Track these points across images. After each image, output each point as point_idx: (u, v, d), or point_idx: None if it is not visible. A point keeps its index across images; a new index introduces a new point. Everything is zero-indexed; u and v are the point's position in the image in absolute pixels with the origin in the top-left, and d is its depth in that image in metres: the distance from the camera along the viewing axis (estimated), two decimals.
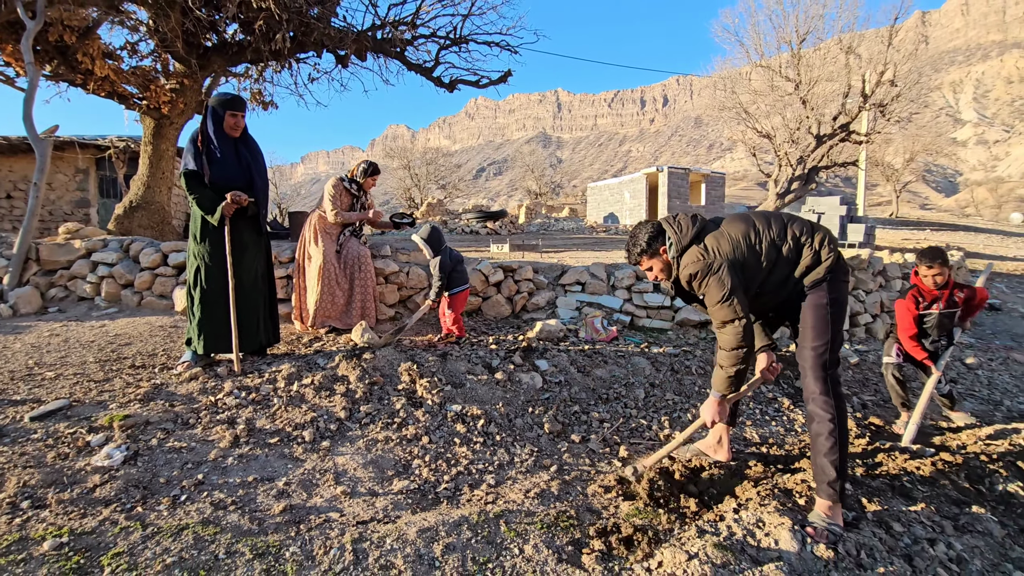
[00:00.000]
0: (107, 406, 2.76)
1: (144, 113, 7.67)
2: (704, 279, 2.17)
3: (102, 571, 1.65)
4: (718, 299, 2.14)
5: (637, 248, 2.35)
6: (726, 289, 2.13)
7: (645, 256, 2.35)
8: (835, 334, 2.19)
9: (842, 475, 2.11)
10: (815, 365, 2.18)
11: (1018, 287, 10.14)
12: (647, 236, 2.33)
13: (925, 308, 3.41)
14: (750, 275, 2.21)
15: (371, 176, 4.22)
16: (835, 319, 2.19)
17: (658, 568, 1.82)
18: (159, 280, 4.47)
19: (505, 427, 2.97)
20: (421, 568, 1.76)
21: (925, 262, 3.34)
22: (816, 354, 2.18)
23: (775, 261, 2.21)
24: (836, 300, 2.20)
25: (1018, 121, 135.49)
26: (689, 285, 2.25)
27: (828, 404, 2.15)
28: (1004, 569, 2.08)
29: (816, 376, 2.18)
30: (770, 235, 2.23)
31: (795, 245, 2.23)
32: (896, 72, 15.51)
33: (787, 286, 2.24)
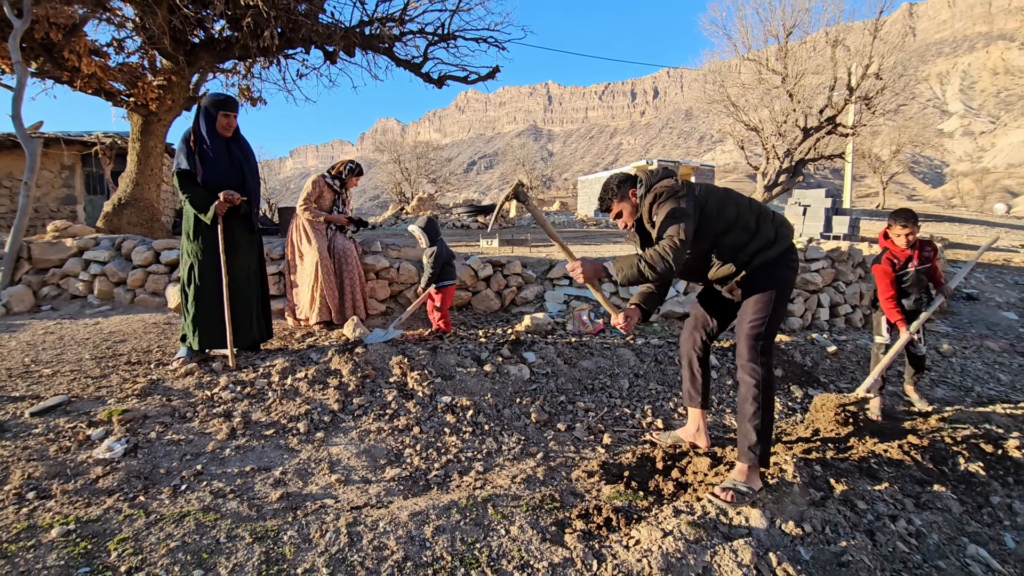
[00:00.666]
0: (105, 401, 2.84)
1: (132, 110, 7.66)
2: (666, 200, 2.24)
3: (109, 555, 1.74)
4: (668, 214, 2.19)
5: (609, 193, 2.45)
6: (680, 208, 2.19)
7: (616, 199, 2.44)
8: (774, 313, 2.29)
9: (763, 440, 2.22)
10: (749, 335, 2.29)
11: (997, 277, 10.38)
12: (618, 180, 2.45)
13: (901, 268, 3.56)
14: (708, 223, 2.28)
15: (355, 176, 4.31)
16: (778, 299, 2.30)
17: (636, 545, 1.94)
18: (152, 278, 4.53)
19: (493, 417, 3.08)
20: (413, 548, 1.87)
21: (900, 222, 3.47)
22: (751, 326, 2.29)
23: (733, 222, 2.32)
24: (783, 280, 2.32)
25: (1003, 112, 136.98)
26: (651, 214, 2.30)
27: (755, 371, 2.26)
28: (959, 543, 2.22)
29: (748, 345, 2.29)
30: (734, 199, 2.37)
31: (756, 219, 2.35)
32: (881, 65, 15.70)
33: (741, 253, 2.31)
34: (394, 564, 1.79)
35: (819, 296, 5.59)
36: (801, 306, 5.42)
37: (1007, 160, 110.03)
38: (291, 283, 4.16)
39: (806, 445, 2.92)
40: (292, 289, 4.15)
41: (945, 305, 3.67)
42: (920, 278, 3.62)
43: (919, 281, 3.63)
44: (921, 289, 3.66)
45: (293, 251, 4.13)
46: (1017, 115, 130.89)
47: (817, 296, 5.58)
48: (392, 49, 7.61)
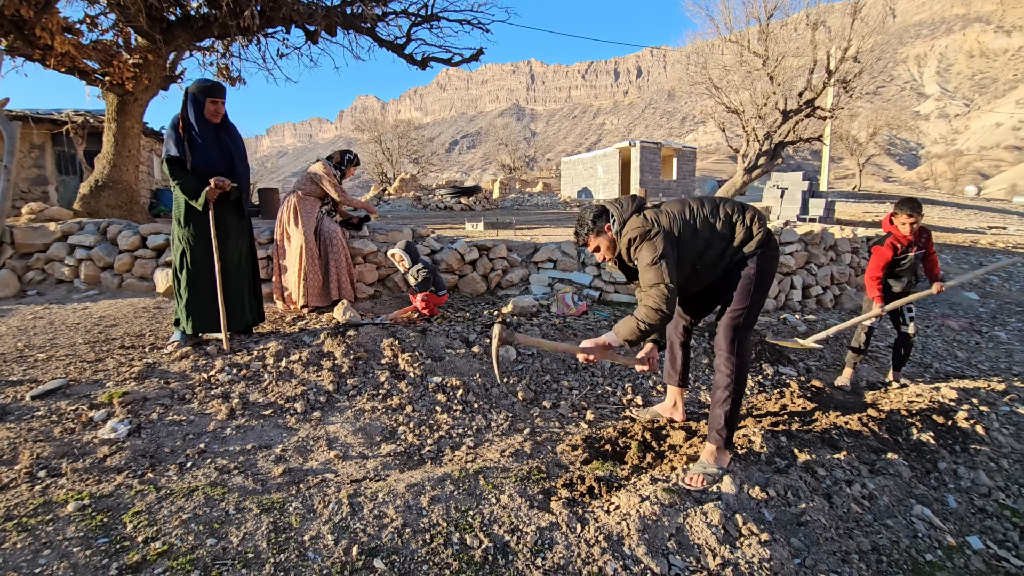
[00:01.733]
0: (104, 384, 2.92)
1: (107, 89, 7.49)
2: (640, 243, 2.32)
3: (125, 527, 1.85)
4: (649, 261, 2.27)
5: (584, 228, 2.50)
6: (657, 253, 2.27)
7: (592, 235, 2.50)
8: (754, 303, 2.42)
9: (730, 425, 2.40)
10: (728, 326, 2.42)
11: (963, 258, 10.80)
12: (592, 216, 2.49)
13: (902, 253, 3.76)
14: (685, 249, 2.37)
15: (354, 166, 4.43)
16: (757, 289, 2.42)
17: (616, 510, 2.12)
18: (139, 262, 4.54)
19: (482, 396, 3.23)
20: (411, 516, 2.01)
21: (906, 211, 3.63)
22: (731, 317, 2.42)
23: (710, 237, 2.41)
24: (763, 272, 2.44)
25: (978, 95, 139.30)
26: (629, 254, 2.40)
27: (731, 362, 2.41)
28: (907, 504, 2.45)
29: (726, 336, 2.42)
30: (703, 213, 2.44)
31: (728, 222, 2.45)
32: (860, 48, 15.92)
33: (723, 260, 2.44)
34: (394, 530, 1.93)
35: (792, 278, 5.83)
36: (775, 287, 5.65)
37: (980, 143, 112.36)
38: (280, 267, 4.22)
39: (774, 419, 3.13)
40: (282, 273, 4.21)
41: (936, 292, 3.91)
42: (915, 263, 3.82)
43: (913, 266, 3.84)
44: (912, 274, 3.87)
45: (282, 234, 4.18)
46: (991, 98, 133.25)
47: (790, 278, 5.82)
48: (374, 29, 7.54)
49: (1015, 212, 26.99)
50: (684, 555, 1.93)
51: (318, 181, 4.21)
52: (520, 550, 1.90)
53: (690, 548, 1.96)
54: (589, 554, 1.89)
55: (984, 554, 2.23)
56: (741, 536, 2.02)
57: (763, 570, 1.87)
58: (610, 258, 2.55)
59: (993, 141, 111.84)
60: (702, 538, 1.99)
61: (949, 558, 2.17)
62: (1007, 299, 7.58)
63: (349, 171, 4.38)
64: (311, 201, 4.22)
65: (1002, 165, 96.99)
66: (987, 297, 7.60)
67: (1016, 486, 2.79)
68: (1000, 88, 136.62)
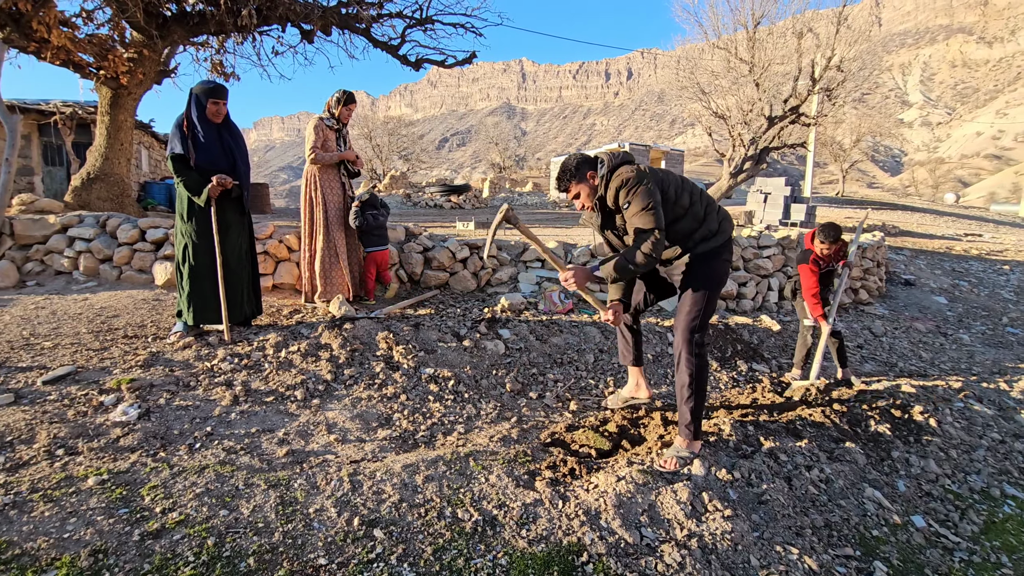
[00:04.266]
0: (111, 371, 3.05)
1: (101, 83, 7.54)
2: (634, 188, 2.38)
3: (143, 499, 2.01)
4: (642, 207, 2.35)
5: (567, 175, 2.55)
6: (651, 199, 2.35)
7: (575, 181, 2.54)
8: (708, 304, 2.57)
9: (696, 419, 2.57)
10: (685, 328, 2.56)
11: (936, 264, 11.18)
12: (576, 162, 2.56)
13: (824, 268, 4.07)
14: (665, 210, 2.45)
15: (347, 106, 4.18)
16: (711, 291, 2.57)
17: (594, 488, 2.32)
18: (138, 255, 4.65)
19: (472, 387, 3.42)
20: (407, 493, 2.20)
21: (826, 239, 3.94)
22: (688, 319, 2.56)
23: (686, 210, 2.52)
24: (717, 274, 2.61)
25: (959, 104, 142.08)
26: (616, 202, 2.46)
27: (691, 362, 2.54)
28: (860, 487, 2.69)
29: (685, 339, 2.56)
30: (688, 187, 2.59)
31: (704, 208, 2.59)
32: (843, 57, 16.33)
33: (688, 241, 2.57)
34: (392, 505, 2.12)
35: (769, 280, 6.08)
36: (753, 289, 5.90)
37: (961, 151, 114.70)
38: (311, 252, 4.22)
39: (745, 410, 3.36)
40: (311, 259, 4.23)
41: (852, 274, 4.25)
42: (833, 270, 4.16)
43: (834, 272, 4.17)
44: (832, 277, 4.22)
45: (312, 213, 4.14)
46: (972, 107, 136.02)
47: (768, 280, 6.07)
48: (369, 30, 7.67)
49: (991, 220, 27.74)
50: (655, 527, 2.13)
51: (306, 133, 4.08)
52: (507, 522, 2.09)
53: (661, 522, 2.17)
54: (569, 526, 2.08)
55: (925, 531, 2.47)
56: (707, 512, 2.23)
57: (725, 540, 2.08)
58: (589, 206, 2.60)
59: (973, 150, 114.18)
60: (672, 513, 2.20)
61: (893, 534, 2.40)
62: (974, 303, 7.92)
63: (344, 115, 4.17)
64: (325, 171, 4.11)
65: (982, 173, 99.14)
66: (955, 301, 7.94)
67: (962, 473, 3.05)
68: (981, 98, 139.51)
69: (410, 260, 5.12)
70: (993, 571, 2.28)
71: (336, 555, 1.85)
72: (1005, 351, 5.87)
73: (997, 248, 14.32)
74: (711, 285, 2.59)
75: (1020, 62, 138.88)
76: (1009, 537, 2.53)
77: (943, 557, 2.31)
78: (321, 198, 4.13)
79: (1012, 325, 6.98)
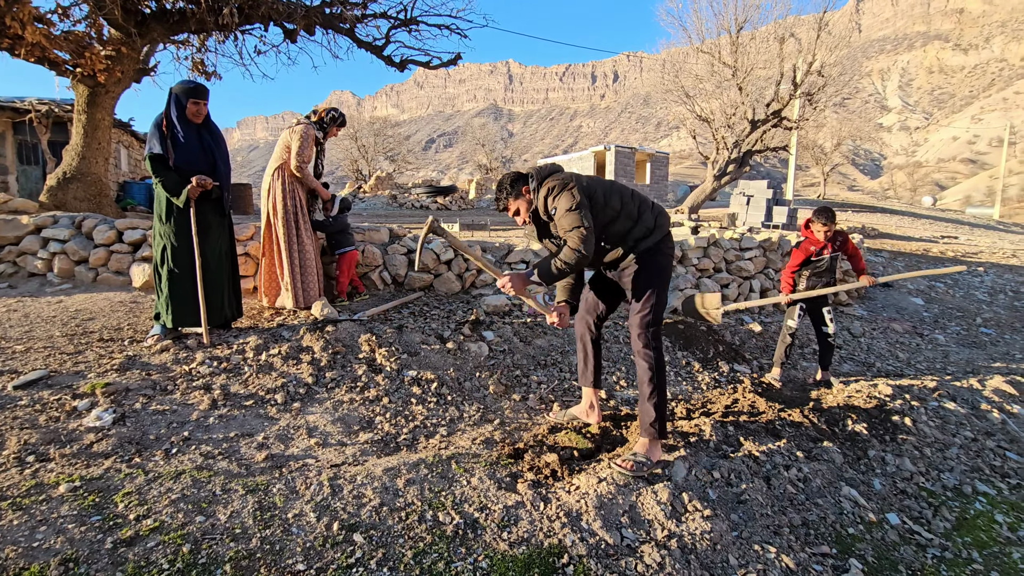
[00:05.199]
0: (85, 375, 2.99)
1: (78, 81, 7.39)
2: (558, 193, 2.45)
3: (117, 506, 1.97)
4: (567, 207, 2.41)
5: (504, 193, 2.61)
6: (576, 200, 2.41)
7: (511, 198, 2.60)
8: (658, 299, 2.59)
9: (660, 416, 2.53)
10: (639, 325, 2.57)
11: (914, 266, 11.41)
12: (510, 180, 2.61)
13: (817, 255, 4.12)
14: (596, 213, 2.51)
15: (339, 127, 4.11)
16: (659, 287, 2.59)
17: (576, 490, 2.32)
18: (115, 257, 4.56)
19: (455, 389, 3.41)
20: (387, 496, 2.18)
21: (821, 220, 4.04)
22: (641, 316, 2.57)
23: (618, 211, 2.56)
24: (662, 270, 2.62)
25: (936, 109, 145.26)
26: (547, 212, 2.52)
27: (649, 357, 2.55)
28: (837, 486, 2.73)
29: (639, 333, 2.57)
30: (618, 188, 2.62)
31: (639, 207, 2.62)
32: (824, 63, 16.62)
33: (627, 240, 2.60)
34: (372, 509, 2.10)
35: (751, 282, 6.16)
36: (735, 291, 5.97)
37: (938, 155, 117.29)
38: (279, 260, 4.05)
39: (726, 411, 3.39)
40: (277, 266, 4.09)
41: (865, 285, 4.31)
42: (832, 264, 4.18)
43: (831, 267, 4.20)
44: (831, 275, 4.22)
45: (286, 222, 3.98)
46: (948, 112, 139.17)
47: (749, 282, 6.15)
48: (354, 30, 7.62)
49: (967, 223, 28.40)
50: (636, 528, 2.15)
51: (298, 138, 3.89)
52: (488, 525, 2.08)
53: (641, 522, 2.18)
54: (550, 528, 2.09)
55: (900, 528, 2.52)
56: (687, 512, 2.25)
57: (704, 540, 2.10)
58: (528, 220, 2.64)
59: (950, 154, 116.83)
60: (652, 514, 2.21)
61: (869, 531, 2.45)
62: (950, 304, 8.10)
63: (333, 131, 4.13)
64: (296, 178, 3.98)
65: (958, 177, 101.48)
66: (932, 302, 8.12)
67: (936, 471, 3.11)
68: (957, 103, 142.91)
69: (394, 262, 5.10)
70: (964, 567, 2.33)
71: (315, 560, 1.83)
72: (979, 351, 6.01)
73: (972, 250, 14.66)
74: (658, 280, 2.61)
75: (994, 69, 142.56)
76: (980, 533, 2.59)
77: (917, 554, 2.36)
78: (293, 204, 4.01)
79: (985, 326, 7.16)
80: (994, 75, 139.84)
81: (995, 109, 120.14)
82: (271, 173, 4.02)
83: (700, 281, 5.76)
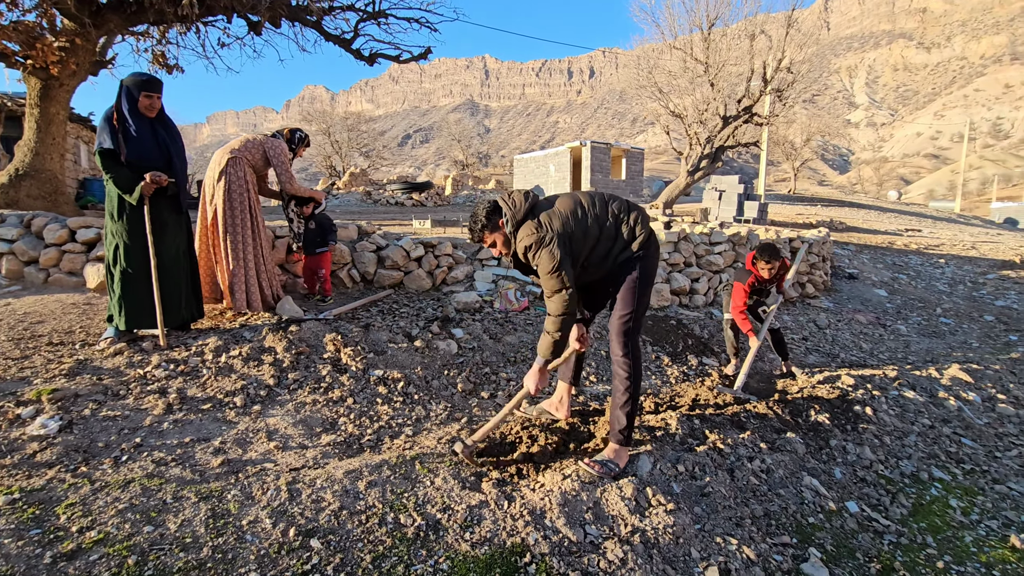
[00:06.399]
0: (31, 382, 2.86)
1: (29, 73, 7.08)
2: (538, 251, 2.38)
3: (58, 518, 1.88)
4: (548, 270, 2.36)
5: (478, 224, 2.50)
6: (556, 261, 2.34)
7: (487, 231, 2.51)
8: (639, 305, 2.54)
9: (630, 424, 2.51)
10: (619, 331, 2.53)
11: (879, 259, 11.73)
12: (486, 212, 2.49)
13: (761, 286, 4.16)
14: (577, 248, 2.45)
15: (304, 147, 4.24)
16: (641, 292, 2.54)
17: (540, 487, 2.31)
18: (67, 257, 4.38)
19: (423, 388, 3.37)
20: (348, 500, 2.13)
21: (764, 258, 4.00)
22: (621, 322, 2.53)
23: (598, 237, 2.50)
24: (645, 275, 2.56)
25: (901, 106, 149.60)
26: (526, 257, 2.46)
27: (627, 365, 2.51)
28: (799, 476, 2.77)
29: (619, 341, 2.53)
30: (594, 212, 2.52)
31: (615, 222, 2.54)
32: (792, 60, 16.93)
33: (608, 259, 2.54)
34: (331, 513, 2.05)
35: (721, 276, 6.24)
36: (705, 285, 6.04)
37: (903, 150, 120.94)
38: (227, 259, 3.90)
39: (692, 404, 3.42)
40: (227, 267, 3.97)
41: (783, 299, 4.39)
42: (767, 293, 4.27)
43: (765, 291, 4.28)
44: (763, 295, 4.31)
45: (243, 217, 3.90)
46: (912, 109, 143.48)
47: (719, 276, 6.23)
48: (321, 23, 7.45)
49: (930, 216, 29.35)
50: (599, 524, 2.14)
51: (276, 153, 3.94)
52: (450, 526, 2.05)
53: (605, 518, 2.18)
54: (514, 527, 2.07)
55: (859, 516, 2.57)
56: (651, 506, 2.25)
57: (667, 534, 2.11)
58: (506, 253, 2.57)
59: (914, 149, 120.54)
60: (616, 509, 2.21)
61: (829, 520, 2.49)
62: (911, 295, 8.35)
63: (299, 151, 4.20)
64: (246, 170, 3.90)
65: (921, 172, 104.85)
66: (895, 294, 8.35)
67: (895, 459, 3.19)
68: (920, 100, 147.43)
69: (363, 259, 5.01)
70: (919, 552, 2.38)
71: (268, 568, 1.78)
72: (938, 340, 6.20)
73: (934, 243, 15.14)
74: (642, 285, 2.57)
75: (955, 67, 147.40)
76: (935, 519, 2.66)
77: (874, 540, 2.41)
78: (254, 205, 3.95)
79: (945, 316, 7.39)
80: (955, 72, 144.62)
81: (956, 106, 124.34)
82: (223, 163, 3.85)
83: (671, 276, 5.81)
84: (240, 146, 3.95)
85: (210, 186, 3.90)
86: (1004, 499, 2.90)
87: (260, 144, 4.01)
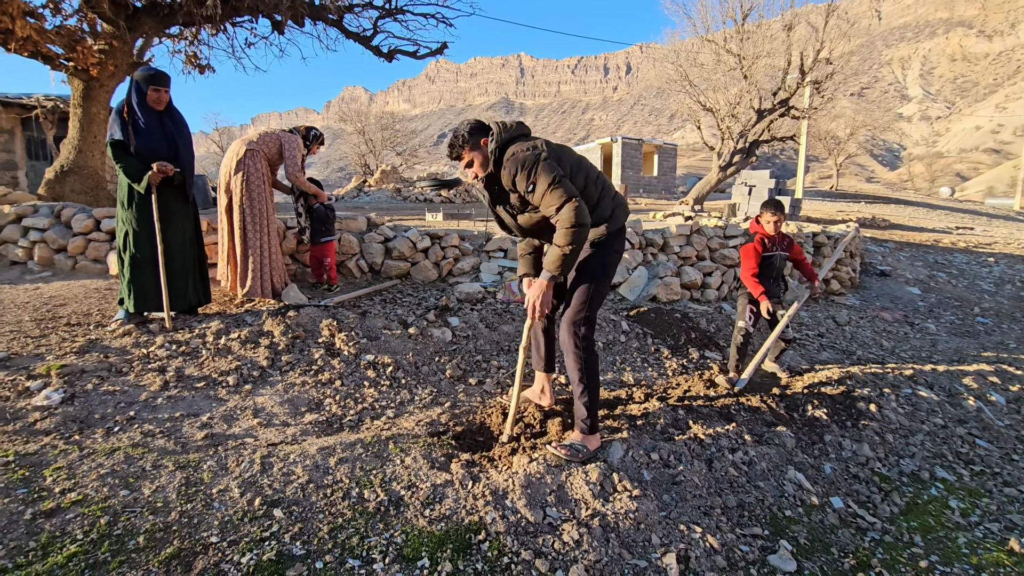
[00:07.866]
0: (44, 358, 3.05)
1: (72, 75, 7.51)
2: (533, 166, 2.22)
3: (44, 480, 2.01)
4: (549, 182, 2.19)
5: (459, 140, 2.34)
6: (556, 172, 2.20)
7: (467, 148, 2.34)
8: (596, 295, 2.45)
9: (592, 414, 2.45)
10: (570, 321, 2.44)
11: (919, 256, 11.18)
12: (469, 128, 2.35)
13: (768, 251, 3.90)
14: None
15: (318, 145, 4.38)
16: (599, 284, 2.46)
17: (507, 469, 2.32)
18: (92, 245, 4.64)
19: (412, 373, 3.42)
20: (317, 475, 2.20)
21: (769, 210, 3.80)
22: (574, 312, 2.44)
23: (581, 191, 2.35)
24: (606, 265, 2.49)
25: (959, 99, 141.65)
26: (513, 182, 2.28)
27: (578, 356, 2.43)
28: (784, 469, 2.69)
29: (569, 331, 2.44)
30: (584, 168, 2.42)
31: (600, 193, 2.43)
32: (832, 51, 16.28)
33: None
34: (298, 486, 2.12)
35: (736, 270, 6.08)
36: (718, 279, 5.90)
37: (959, 145, 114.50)
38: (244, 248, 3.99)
39: (683, 396, 3.36)
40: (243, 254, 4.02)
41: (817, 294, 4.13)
42: (781, 265, 3.96)
43: (780, 269, 3.95)
44: (781, 278, 4.01)
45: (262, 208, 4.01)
46: (971, 101, 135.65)
47: (734, 270, 6.07)
48: (341, 21, 7.63)
49: (985, 213, 27.72)
50: (560, 507, 2.14)
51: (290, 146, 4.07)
52: (412, 503, 2.09)
53: (567, 501, 2.17)
54: (473, 506, 2.09)
55: (842, 512, 2.48)
56: (615, 492, 2.23)
57: (628, 519, 2.09)
58: (481, 175, 2.40)
59: (972, 144, 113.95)
60: (580, 493, 2.20)
61: (808, 514, 2.41)
62: (948, 294, 7.93)
63: (314, 148, 4.34)
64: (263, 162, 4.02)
65: (980, 168, 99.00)
66: (929, 292, 7.95)
67: (896, 457, 3.05)
68: (980, 92, 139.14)
69: (370, 250, 5.12)
70: (904, 550, 2.28)
71: (230, 533, 1.85)
72: (970, 340, 5.88)
73: (986, 241, 14.31)
74: (599, 276, 2.48)
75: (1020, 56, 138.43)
76: (928, 518, 2.54)
77: (854, 537, 2.32)
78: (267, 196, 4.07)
79: (983, 315, 7.00)
80: (1019, 62, 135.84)
81: (1020, 97, 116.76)
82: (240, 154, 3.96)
83: (681, 269, 5.70)
84: (258, 138, 4.08)
85: (226, 175, 4.03)
86: (1013, 502, 2.74)
87: (277, 137, 4.14)
